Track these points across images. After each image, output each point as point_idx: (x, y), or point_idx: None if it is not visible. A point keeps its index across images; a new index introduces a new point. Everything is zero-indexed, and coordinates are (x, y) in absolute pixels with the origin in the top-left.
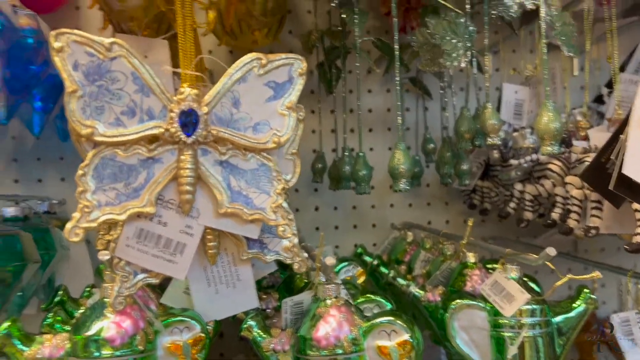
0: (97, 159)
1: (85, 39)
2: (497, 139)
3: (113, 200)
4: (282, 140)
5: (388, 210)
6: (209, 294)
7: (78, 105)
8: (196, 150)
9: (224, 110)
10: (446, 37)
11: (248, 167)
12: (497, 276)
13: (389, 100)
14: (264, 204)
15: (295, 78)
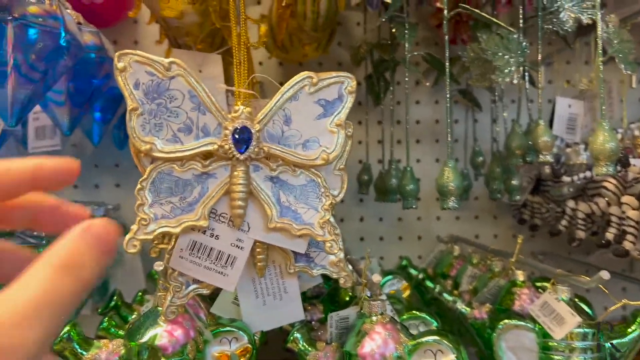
0: (155, 174)
1: (146, 59)
2: (549, 156)
3: (169, 213)
4: (330, 157)
5: (434, 223)
6: (256, 305)
7: (138, 122)
8: (248, 166)
9: (276, 127)
10: (498, 52)
11: (297, 183)
12: (547, 297)
13: (437, 111)
14: (312, 219)
15: (346, 96)
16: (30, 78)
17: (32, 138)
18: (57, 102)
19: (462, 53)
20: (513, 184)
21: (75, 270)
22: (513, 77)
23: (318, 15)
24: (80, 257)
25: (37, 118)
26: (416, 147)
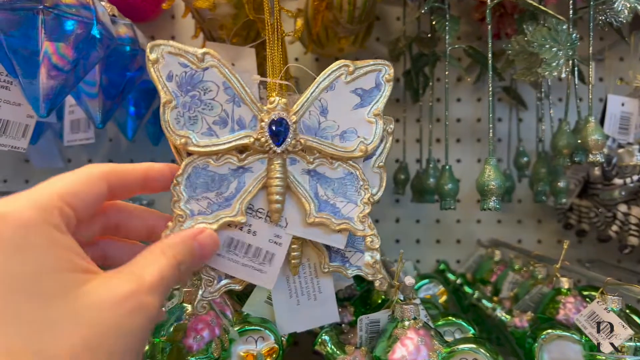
0: (190, 169)
1: (179, 50)
2: (599, 156)
3: (205, 209)
4: (369, 148)
5: (474, 226)
6: (290, 304)
7: (172, 115)
8: (285, 159)
9: (312, 118)
10: (545, 44)
11: (335, 176)
12: (595, 307)
13: (480, 109)
14: (351, 213)
15: (383, 84)
16: (61, 68)
17: (68, 131)
18: (89, 94)
19: (507, 46)
20: (560, 186)
21: (182, 267)
22: (561, 71)
23: (354, 7)
24: (187, 258)
25: (72, 111)
26: (456, 146)
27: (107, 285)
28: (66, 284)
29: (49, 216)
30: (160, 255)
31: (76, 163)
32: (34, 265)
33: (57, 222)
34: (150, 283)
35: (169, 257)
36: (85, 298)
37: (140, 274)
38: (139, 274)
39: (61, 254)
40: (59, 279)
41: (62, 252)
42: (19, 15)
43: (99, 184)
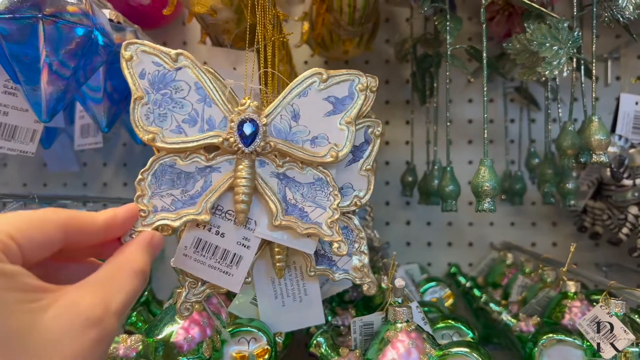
0: (157, 165)
1: (153, 49)
2: (603, 156)
3: (169, 206)
4: (340, 154)
5: (487, 229)
6: (275, 306)
7: (142, 111)
8: (254, 160)
9: (283, 122)
10: (545, 43)
11: (305, 180)
12: (597, 311)
13: (492, 110)
14: (320, 218)
15: (356, 94)
16: (62, 75)
17: (78, 135)
18: (95, 99)
19: (507, 45)
20: (568, 187)
21: (145, 275)
22: (563, 69)
23: (354, 9)
24: (148, 267)
25: (82, 116)
26: (468, 147)
27: (70, 309)
28: (23, 310)
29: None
30: (131, 274)
31: (91, 167)
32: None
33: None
34: (118, 304)
35: (139, 274)
36: (48, 331)
37: (109, 297)
38: (106, 293)
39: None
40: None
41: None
42: (20, 24)
43: (55, 232)
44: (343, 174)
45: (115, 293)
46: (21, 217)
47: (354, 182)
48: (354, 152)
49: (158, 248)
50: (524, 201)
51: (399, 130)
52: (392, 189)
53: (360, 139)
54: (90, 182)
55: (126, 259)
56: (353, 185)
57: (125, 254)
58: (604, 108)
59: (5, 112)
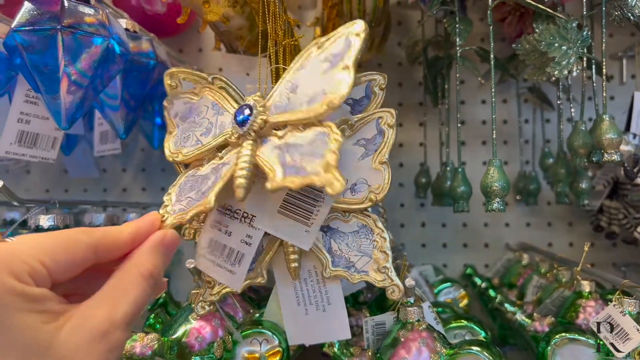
0: (182, 178)
1: (182, 94)
2: (615, 155)
3: (185, 206)
4: (335, 100)
5: (503, 229)
6: (298, 314)
7: (172, 141)
8: (256, 140)
9: (282, 98)
10: (554, 43)
11: (304, 141)
12: (610, 310)
13: (506, 110)
14: (318, 166)
15: (353, 41)
16: (80, 84)
17: (97, 142)
18: (112, 106)
19: (517, 45)
20: (582, 187)
21: (156, 278)
22: (572, 69)
23: (364, 13)
24: (159, 268)
25: (101, 123)
26: (482, 148)
27: (81, 326)
28: (34, 334)
29: (9, 268)
30: (138, 280)
31: (111, 172)
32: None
33: (19, 274)
34: (123, 315)
35: (147, 277)
36: (63, 347)
37: (113, 307)
38: (111, 306)
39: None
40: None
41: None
42: (39, 35)
43: (85, 253)
44: (355, 170)
45: (121, 302)
46: (51, 240)
47: (368, 177)
48: (366, 146)
49: (172, 246)
50: (540, 201)
51: (413, 132)
52: (406, 191)
53: (373, 131)
54: (110, 187)
55: (133, 264)
56: (367, 181)
57: (133, 259)
58: (619, 107)
59: (28, 120)
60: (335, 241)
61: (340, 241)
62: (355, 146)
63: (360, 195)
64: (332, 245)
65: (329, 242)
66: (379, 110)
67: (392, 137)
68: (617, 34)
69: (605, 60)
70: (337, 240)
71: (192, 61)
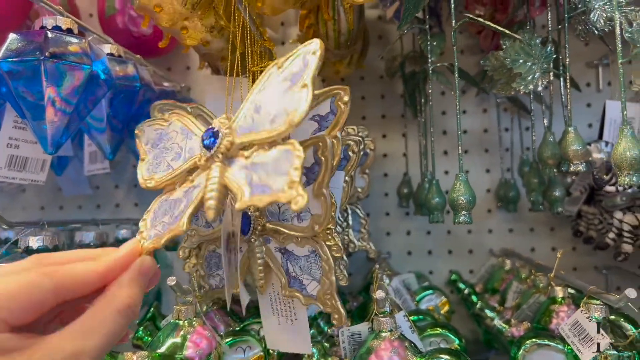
0: (156, 204)
1: (153, 121)
2: (581, 165)
3: (160, 231)
4: (295, 119)
5: (486, 236)
6: (273, 323)
7: (144, 168)
8: (223, 162)
9: (247, 119)
10: (519, 59)
11: (270, 158)
12: (578, 315)
13: (486, 120)
14: (280, 183)
15: (310, 59)
16: (64, 110)
17: (87, 162)
18: (98, 129)
19: (484, 62)
20: (555, 195)
21: (133, 310)
22: (537, 84)
23: (339, 33)
24: (137, 298)
25: (90, 144)
26: (464, 157)
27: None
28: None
29: None
30: (113, 314)
31: (104, 189)
32: None
33: None
34: (92, 348)
35: (122, 312)
36: None
37: (83, 340)
38: (82, 339)
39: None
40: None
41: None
42: (24, 66)
43: (44, 296)
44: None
45: (93, 336)
46: (8, 284)
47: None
48: (306, 174)
49: (148, 273)
50: (522, 208)
51: (396, 143)
52: (391, 200)
53: (327, 109)
54: (104, 204)
55: (110, 297)
56: (310, 209)
57: (110, 292)
58: (596, 113)
59: (17, 145)
60: (291, 263)
61: (295, 264)
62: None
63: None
64: (288, 267)
65: (286, 264)
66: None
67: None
68: (592, 42)
69: (569, 74)
70: (292, 263)
71: (180, 80)
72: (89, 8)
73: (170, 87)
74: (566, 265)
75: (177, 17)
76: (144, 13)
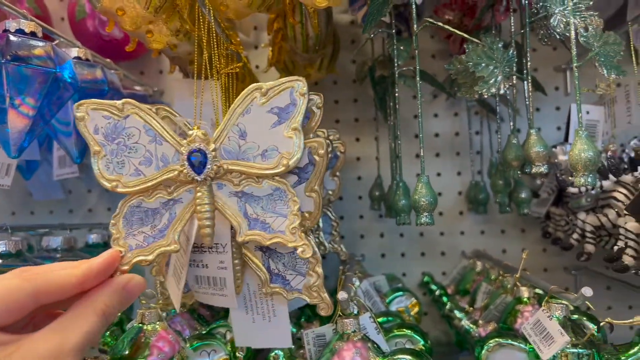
0: (126, 208)
1: (100, 105)
2: (542, 167)
3: (142, 242)
4: (291, 162)
5: (458, 238)
6: (246, 321)
7: (102, 163)
8: (211, 185)
9: (232, 143)
10: (482, 63)
11: (263, 193)
12: (540, 315)
13: (457, 123)
14: (282, 226)
15: (298, 99)
16: (26, 114)
17: (56, 166)
18: (65, 132)
19: (449, 66)
20: (521, 197)
21: (110, 318)
22: (500, 87)
23: (307, 37)
24: (114, 308)
25: (59, 148)
26: (436, 160)
27: (30, 355)
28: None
29: None
30: (90, 314)
31: (76, 194)
32: None
33: None
34: (73, 344)
35: (98, 314)
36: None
37: (64, 338)
38: (63, 336)
39: None
40: None
41: None
42: None
43: (24, 300)
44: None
45: (72, 334)
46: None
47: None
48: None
49: (133, 292)
50: (493, 210)
51: (369, 147)
52: (365, 203)
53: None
54: (76, 208)
55: (90, 300)
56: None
57: (90, 295)
58: (564, 117)
59: None
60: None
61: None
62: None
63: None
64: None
65: (244, 207)
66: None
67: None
68: (560, 46)
69: (531, 78)
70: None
71: (153, 83)
72: (61, 11)
73: (142, 90)
74: (536, 266)
75: (141, 21)
76: (107, 16)
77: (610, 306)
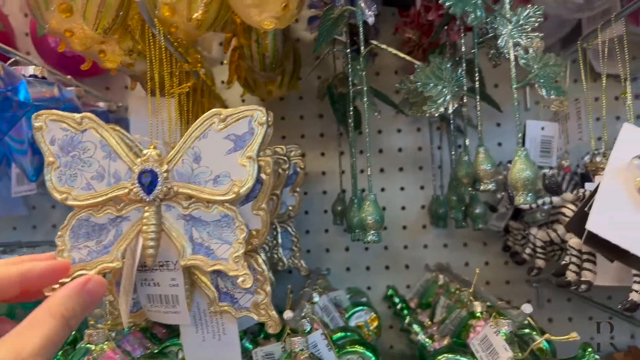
0: (74, 221)
1: (60, 117)
2: (490, 184)
3: (85, 257)
4: (242, 191)
5: (422, 251)
6: (197, 340)
7: (55, 174)
8: (160, 206)
9: (185, 166)
10: (430, 83)
11: (211, 219)
12: (487, 330)
13: (420, 138)
14: (226, 254)
15: (256, 128)
16: None
17: (14, 183)
18: (19, 151)
19: (400, 85)
20: (476, 212)
21: (72, 322)
22: (449, 106)
23: (264, 56)
24: (77, 311)
25: None
26: (399, 175)
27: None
28: None
29: None
30: (47, 318)
31: (40, 210)
32: None
33: None
34: (31, 350)
35: (57, 317)
36: None
37: (21, 344)
38: (20, 344)
39: None
40: None
41: None
42: None
43: None
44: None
45: (30, 339)
46: None
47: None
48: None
49: (95, 292)
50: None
51: (334, 161)
52: (330, 217)
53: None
54: (40, 224)
55: (47, 304)
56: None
57: (47, 300)
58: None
59: None
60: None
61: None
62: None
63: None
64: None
65: (190, 231)
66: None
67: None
68: None
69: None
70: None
71: (118, 99)
72: (25, 27)
73: (105, 106)
74: (499, 279)
75: (90, 42)
76: (56, 37)
77: (570, 317)
